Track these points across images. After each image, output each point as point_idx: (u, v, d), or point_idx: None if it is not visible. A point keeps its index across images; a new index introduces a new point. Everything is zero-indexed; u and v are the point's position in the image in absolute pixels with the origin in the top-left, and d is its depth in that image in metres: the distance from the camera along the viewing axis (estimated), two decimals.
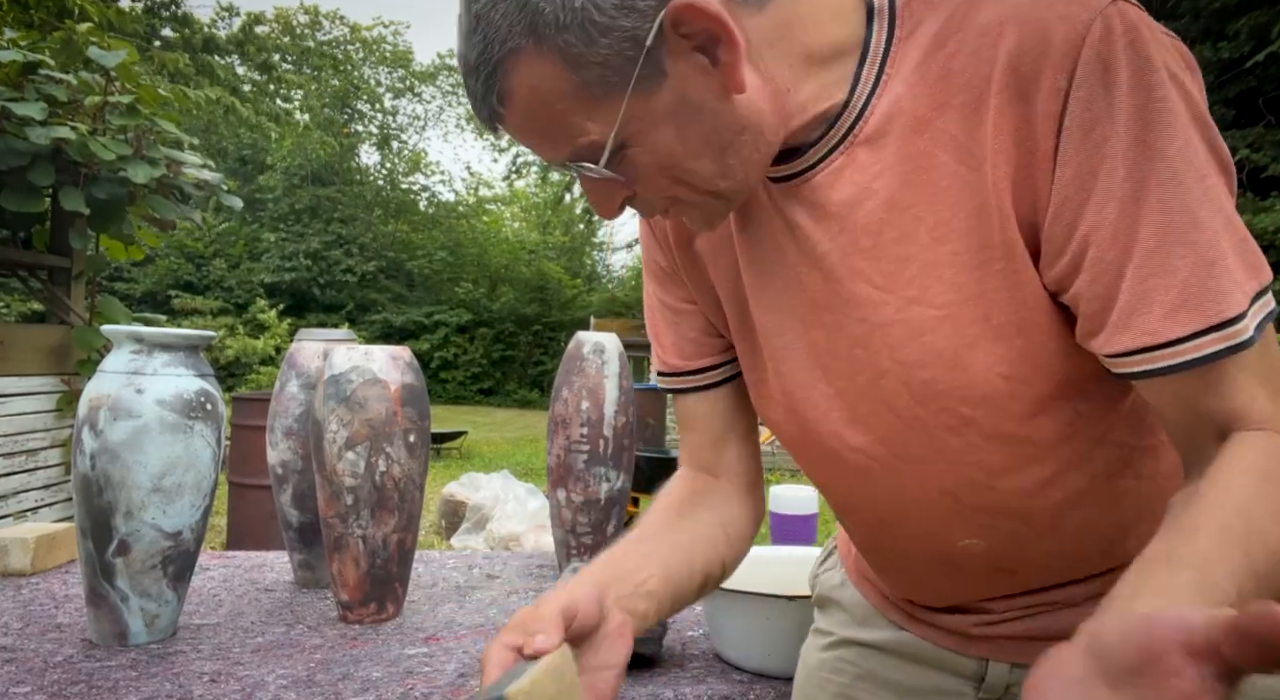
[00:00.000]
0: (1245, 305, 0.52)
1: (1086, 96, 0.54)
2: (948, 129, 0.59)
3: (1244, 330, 0.52)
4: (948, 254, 0.60)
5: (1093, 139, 0.54)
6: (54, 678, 0.98)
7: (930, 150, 0.60)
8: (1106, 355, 0.56)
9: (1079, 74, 0.54)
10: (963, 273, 0.60)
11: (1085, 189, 0.55)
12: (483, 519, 5.01)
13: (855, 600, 0.90)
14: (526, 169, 22.36)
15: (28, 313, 8.87)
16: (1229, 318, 0.52)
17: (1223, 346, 0.52)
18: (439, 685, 1.00)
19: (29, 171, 3.25)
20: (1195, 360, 0.53)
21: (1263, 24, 4.86)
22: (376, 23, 27.17)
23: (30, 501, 3.76)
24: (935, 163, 0.60)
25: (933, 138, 0.60)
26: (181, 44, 15.56)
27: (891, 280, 0.63)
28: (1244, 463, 0.52)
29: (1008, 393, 0.62)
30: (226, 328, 16.05)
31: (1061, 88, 0.54)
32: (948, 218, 0.60)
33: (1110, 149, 0.54)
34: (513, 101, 0.57)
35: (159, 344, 1.11)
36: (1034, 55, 0.55)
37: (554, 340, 22.13)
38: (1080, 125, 0.54)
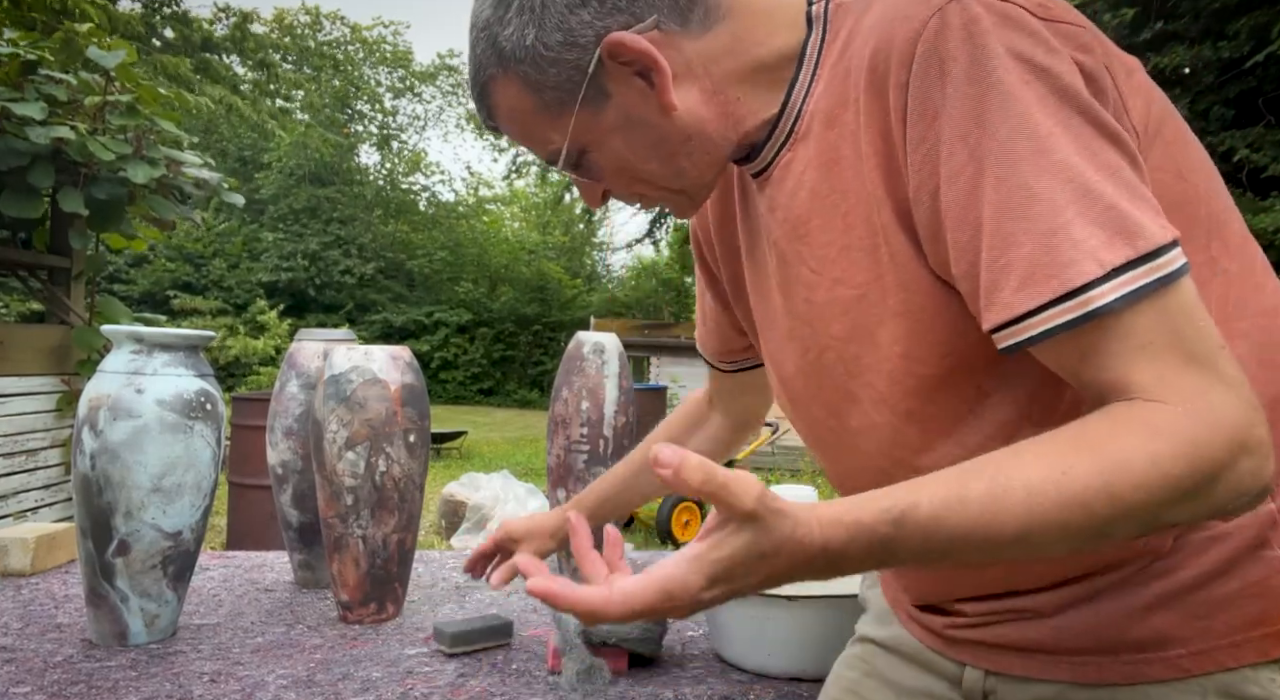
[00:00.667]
0: (1098, 272, 0.51)
1: (923, 87, 0.58)
2: (848, 123, 0.65)
3: (1097, 297, 0.51)
4: (856, 238, 0.66)
5: (935, 127, 0.58)
6: (54, 678, 0.98)
7: (837, 143, 0.66)
8: (987, 331, 0.57)
9: (915, 67, 0.58)
10: (866, 256, 0.66)
11: (934, 174, 0.58)
12: (483, 519, 5.01)
13: (876, 598, 0.92)
14: (526, 169, 22.35)
15: (27, 313, 8.87)
16: (1075, 287, 0.52)
17: (1073, 316, 0.52)
18: (439, 685, 1.00)
19: (29, 172, 3.25)
20: (1047, 331, 0.53)
21: (1263, 24, 4.85)
22: (376, 23, 27.17)
23: (30, 501, 3.76)
24: (840, 155, 0.66)
25: (839, 132, 0.66)
26: (181, 43, 15.56)
27: (822, 263, 0.69)
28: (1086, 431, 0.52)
29: (905, 369, 0.65)
30: (226, 328, 16.05)
31: (903, 81, 0.59)
32: (853, 205, 0.66)
33: (948, 134, 0.57)
34: (498, 114, 0.72)
35: (159, 344, 1.11)
36: (884, 54, 0.61)
37: (554, 340, 22.13)
38: (920, 114, 0.58)
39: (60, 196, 3.37)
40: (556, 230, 27.17)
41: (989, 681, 0.75)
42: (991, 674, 0.75)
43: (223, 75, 16.54)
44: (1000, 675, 0.74)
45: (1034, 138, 0.54)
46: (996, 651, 0.74)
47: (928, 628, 0.80)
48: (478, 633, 1.11)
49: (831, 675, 0.91)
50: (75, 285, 4.05)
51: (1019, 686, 0.73)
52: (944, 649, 0.78)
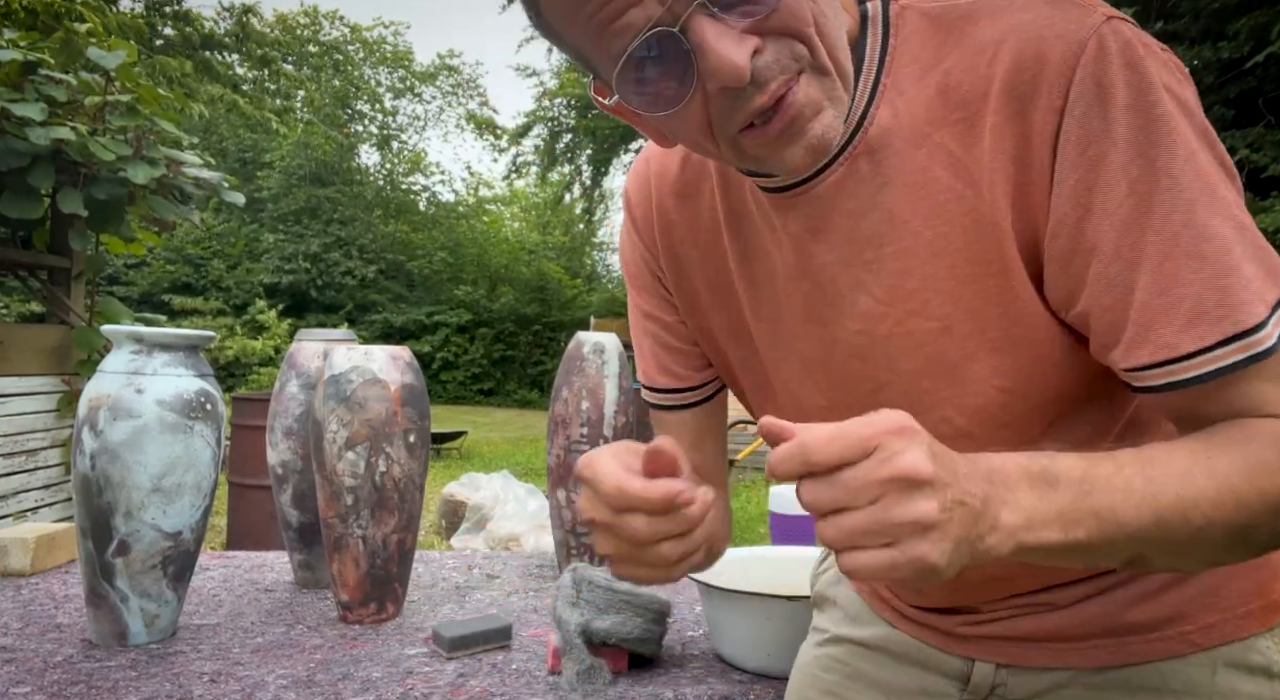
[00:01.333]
0: (1265, 314, 0.52)
1: (1082, 114, 0.55)
2: (944, 144, 0.60)
3: (1265, 339, 0.52)
4: (946, 268, 0.61)
5: (1088, 156, 0.55)
6: (54, 678, 0.98)
7: (928, 165, 0.60)
8: (1125, 369, 0.57)
9: (1074, 92, 0.55)
10: (960, 286, 0.61)
11: (1082, 205, 0.55)
12: (483, 519, 5.01)
13: (849, 597, 0.90)
14: (526, 169, 22.32)
15: (27, 313, 8.87)
16: (1248, 327, 0.52)
17: (1242, 357, 0.52)
18: (439, 685, 1.00)
19: (29, 173, 3.25)
20: (1215, 372, 0.53)
21: (1263, 24, 4.86)
22: (377, 23, 27.18)
23: (30, 501, 3.76)
24: (932, 177, 0.60)
25: (930, 153, 0.60)
26: (181, 42, 15.56)
27: (892, 293, 0.63)
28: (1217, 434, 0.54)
29: (1002, 403, 0.62)
30: (226, 328, 16.05)
31: (1057, 106, 0.55)
32: (945, 232, 0.60)
33: (1108, 165, 0.54)
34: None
35: (159, 344, 1.11)
36: (1030, 74, 0.56)
37: (554, 340, 22.13)
38: (1075, 143, 0.55)
39: (60, 197, 3.37)
40: (556, 230, 27.17)
41: (999, 674, 0.75)
42: (1003, 666, 0.75)
43: (223, 75, 16.54)
44: (1011, 667, 0.75)
45: (1201, 175, 0.54)
46: (1010, 644, 0.74)
47: (932, 627, 0.79)
48: (477, 636, 1.11)
49: (803, 677, 0.89)
50: (75, 285, 4.06)
51: (1030, 676, 0.74)
52: (951, 646, 0.78)
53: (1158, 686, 0.68)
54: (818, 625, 0.94)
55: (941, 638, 0.79)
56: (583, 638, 1.01)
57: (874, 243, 0.63)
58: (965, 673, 0.77)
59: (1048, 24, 0.56)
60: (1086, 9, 0.56)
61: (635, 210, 0.83)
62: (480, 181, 30.95)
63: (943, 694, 0.79)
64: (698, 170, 0.77)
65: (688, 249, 0.78)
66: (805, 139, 0.57)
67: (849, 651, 0.87)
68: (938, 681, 0.79)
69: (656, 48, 0.53)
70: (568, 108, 18.38)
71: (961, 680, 0.78)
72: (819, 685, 0.87)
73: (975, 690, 0.77)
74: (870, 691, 0.83)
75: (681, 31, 0.52)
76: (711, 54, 0.52)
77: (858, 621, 0.88)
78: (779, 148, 0.57)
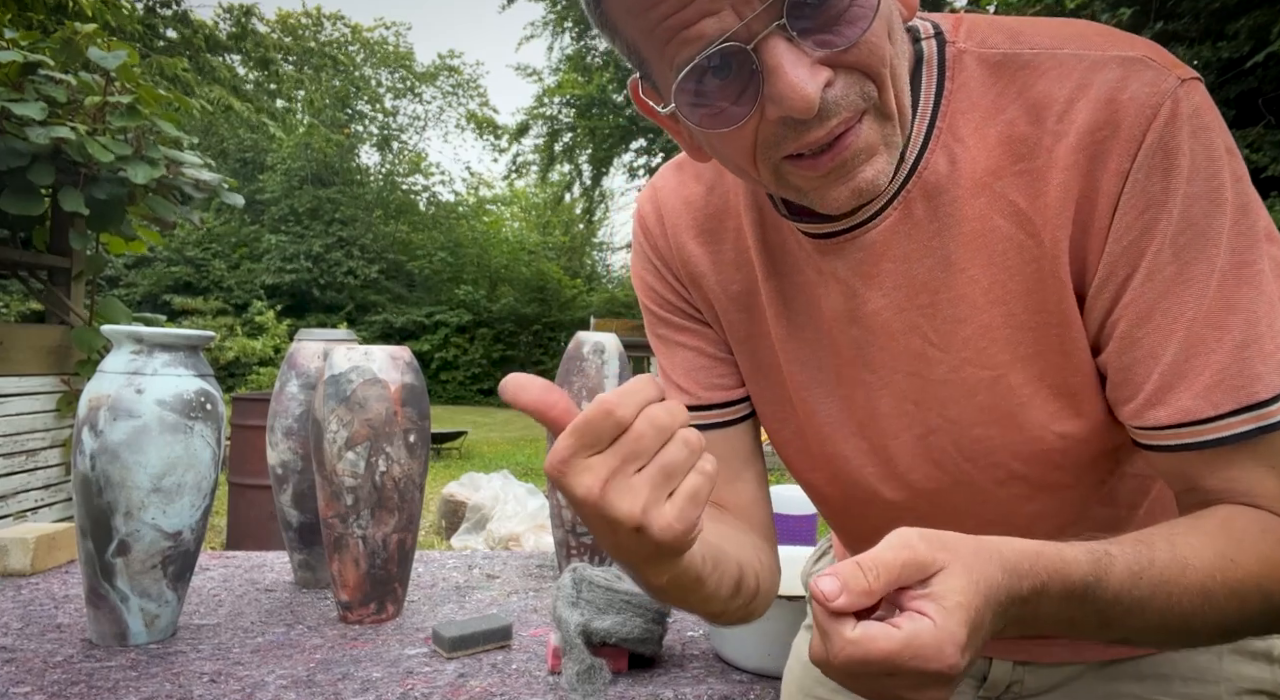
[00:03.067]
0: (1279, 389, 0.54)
1: (1145, 179, 0.55)
2: (1005, 194, 0.59)
3: (1274, 413, 0.54)
4: (1002, 316, 0.61)
5: (1144, 219, 0.56)
6: (54, 678, 0.98)
7: (988, 213, 0.60)
8: (1138, 426, 0.59)
9: (1141, 156, 0.55)
10: (1018, 334, 0.61)
11: (1131, 265, 0.57)
12: (483, 519, 5.01)
13: None
14: (526, 169, 22.31)
15: (27, 312, 8.87)
16: (1262, 399, 0.54)
17: (1253, 427, 0.54)
18: (439, 685, 1.00)
19: (29, 172, 3.25)
20: (1226, 438, 0.55)
21: (1263, 24, 4.86)
22: (378, 24, 27.19)
23: (30, 501, 3.76)
24: (992, 226, 0.60)
25: (990, 201, 0.60)
26: (183, 44, 15.55)
27: (947, 339, 0.63)
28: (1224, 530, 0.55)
29: (1062, 449, 0.63)
30: (226, 328, 16.05)
31: (1125, 169, 0.56)
32: (1003, 280, 0.60)
33: (1160, 231, 0.55)
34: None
35: (159, 344, 1.11)
36: (1105, 134, 0.56)
37: (554, 340, 22.13)
38: (1135, 206, 0.56)
39: (60, 196, 3.37)
40: (556, 230, 27.17)
41: (1016, 671, 0.77)
42: (1020, 664, 0.77)
43: (223, 77, 16.53)
44: (1029, 664, 0.76)
45: (1239, 251, 0.55)
46: (1028, 642, 0.76)
47: None
48: (477, 636, 1.11)
49: (808, 674, 0.89)
50: (75, 285, 4.06)
51: (1045, 671, 0.76)
52: None
53: (1167, 674, 0.71)
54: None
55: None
56: (583, 638, 1.01)
57: (929, 288, 0.62)
58: (982, 670, 0.78)
59: (1121, 86, 0.56)
60: (1160, 71, 0.56)
61: (654, 239, 0.78)
62: (480, 181, 30.95)
63: (957, 692, 0.80)
64: (721, 205, 0.74)
65: (710, 285, 0.75)
66: (854, 181, 0.56)
67: None
68: None
69: (724, 63, 0.51)
70: (567, 107, 18.38)
71: (978, 678, 0.79)
72: (828, 682, 0.87)
73: (992, 687, 0.78)
74: None
75: (754, 50, 0.50)
76: (783, 81, 0.50)
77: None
78: (825, 185, 0.56)
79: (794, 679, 0.91)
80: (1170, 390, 0.56)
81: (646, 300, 0.80)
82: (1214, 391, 0.55)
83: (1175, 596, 0.52)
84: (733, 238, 0.73)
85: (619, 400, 0.45)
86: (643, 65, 0.58)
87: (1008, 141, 0.59)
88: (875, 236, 0.63)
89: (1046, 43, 0.59)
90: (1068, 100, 0.57)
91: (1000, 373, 0.62)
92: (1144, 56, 0.57)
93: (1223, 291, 0.55)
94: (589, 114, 17.49)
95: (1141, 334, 0.57)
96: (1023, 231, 0.59)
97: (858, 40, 0.51)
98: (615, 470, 0.46)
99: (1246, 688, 0.71)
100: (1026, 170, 0.59)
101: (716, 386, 0.78)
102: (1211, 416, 0.55)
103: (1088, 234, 0.58)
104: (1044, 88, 0.58)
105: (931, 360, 0.64)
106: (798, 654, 0.93)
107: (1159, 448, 0.58)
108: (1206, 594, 0.52)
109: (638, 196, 0.82)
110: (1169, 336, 0.56)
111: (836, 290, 0.66)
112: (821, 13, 0.50)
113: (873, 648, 0.43)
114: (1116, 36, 0.59)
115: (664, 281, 0.78)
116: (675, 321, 0.79)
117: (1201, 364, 0.55)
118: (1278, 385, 0.54)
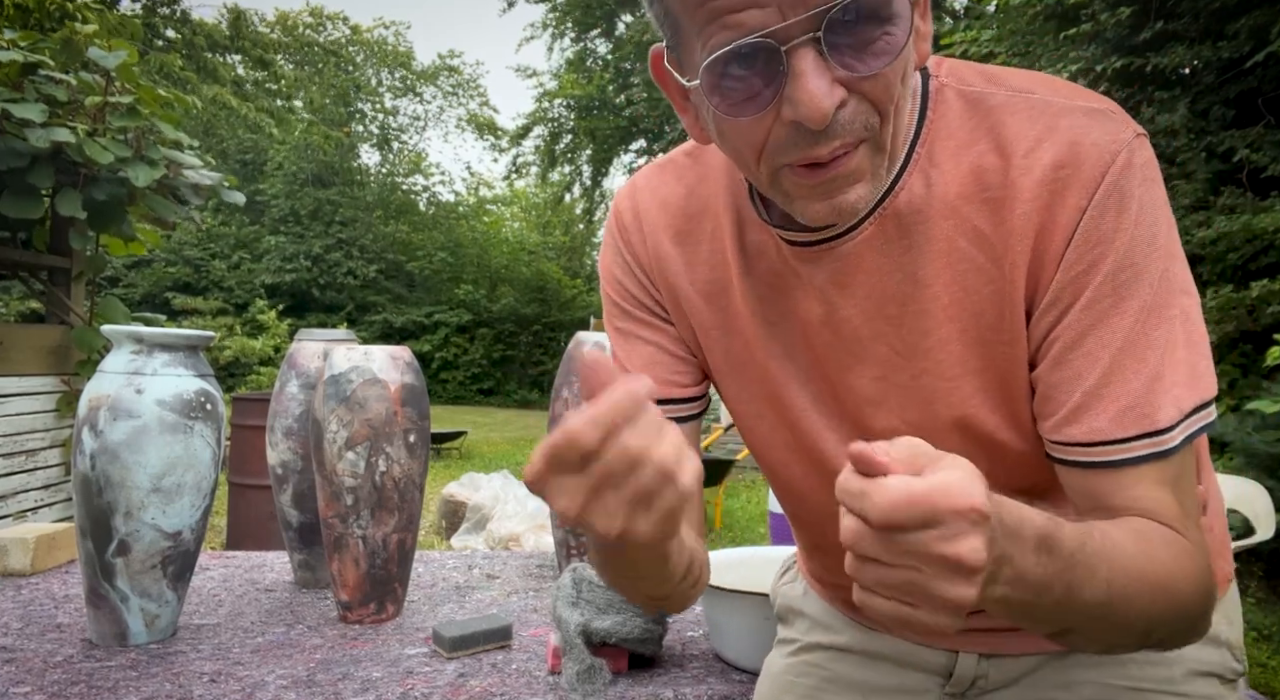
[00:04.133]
0: (1176, 418, 0.60)
1: (1099, 217, 0.60)
2: (971, 218, 0.64)
3: (1170, 440, 0.60)
4: (959, 330, 0.66)
5: (1094, 254, 0.61)
6: (54, 678, 0.98)
7: (954, 235, 0.65)
8: (1053, 440, 0.64)
9: (1098, 196, 0.60)
10: (968, 349, 0.66)
11: (1075, 294, 0.62)
12: (483, 519, 5.00)
13: (819, 608, 0.92)
14: (526, 169, 22.31)
15: (27, 312, 8.87)
16: (1161, 428, 0.60)
17: (1148, 452, 0.60)
18: (439, 685, 1.00)
19: (29, 173, 3.25)
20: (1125, 461, 0.61)
21: (1263, 24, 4.85)
22: (378, 23, 27.18)
23: (30, 501, 3.76)
24: (957, 247, 0.65)
25: (957, 224, 0.65)
26: (183, 44, 15.55)
27: (910, 349, 0.68)
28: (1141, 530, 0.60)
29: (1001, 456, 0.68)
30: (226, 328, 16.04)
31: (1082, 205, 0.61)
32: (961, 298, 0.65)
33: (1105, 265, 0.61)
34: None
35: (159, 344, 1.11)
36: (1067, 173, 0.61)
37: (554, 340, 22.11)
38: (1087, 240, 0.61)
39: (59, 198, 3.37)
40: (556, 230, 27.16)
41: (981, 665, 0.79)
42: (985, 657, 0.79)
43: (224, 76, 16.53)
44: (993, 657, 0.79)
45: (1162, 294, 0.61)
46: (993, 635, 0.78)
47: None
48: (477, 636, 1.11)
49: (776, 685, 0.90)
50: (75, 286, 4.05)
51: (1009, 664, 0.78)
52: (934, 641, 0.81)
53: (1121, 659, 0.75)
54: (786, 636, 0.95)
55: (924, 635, 0.80)
56: (583, 638, 1.01)
57: (896, 300, 0.67)
58: (948, 667, 0.80)
59: (1085, 132, 0.61)
60: (1120, 123, 0.62)
61: (629, 235, 0.80)
62: (480, 182, 30.93)
63: (923, 690, 0.82)
64: (700, 207, 0.77)
65: (683, 283, 0.78)
66: (836, 200, 0.60)
67: (824, 656, 0.88)
68: (918, 678, 0.82)
69: (754, 55, 0.54)
70: (568, 108, 18.38)
71: (943, 675, 0.81)
72: (796, 691, 0.88)
73: (957, 682, 0.80)
74: (849, 693, 0.85)
75: (786, 52, 0.53)
76: (804, 88, 0.54)
77: (830, 629, 0.89)
78: (810, 197, 0.60)
79: (762, 694, 0.92)
80: (1087, 411, 0.61)
81: (613, 293, 0.83)
82: (1124, 416, 0.60)
83: (1116, 569, 0.55)
84: (709, 238, 0.76)
85: (582, 429, 0.45)
86: (675, 37, 0.60)
87: (977, 171, 0.64)
88: (851, 248, 0.67)
89: (1020, 86, 0.65)
90: (1035, 139, 0.62)
91: (955, 383, 0.67)
92: (1107, 109, 0.63)
93: (1145, 328, 0.60)
94: (589, 115, 17.49)
95: (1072, 356, 0.62)
96: (984, 254, 0.64)
97: (878, 72, 0.55)
98: (590, 492, 0.46)
99: (1199, 670, 0.75)
100: (991, 199, 0.63)
101: (671, 383, 0.80)
102: (1119, 438, 0.60)
103: (1042, 262, 0.63)
104: (1014, 126, 0.63)
105: (896, 366, 0.69)
106: (766, 669, 0.94)
107: (1069, 463, 0.63)
108: (1139, 577, 0.56)
109: (617, 192, 0.85)
110: (1095, 362, 0.61)
111: (813, 295, 0.70)
112: (854, 37, 0.54)
113: (914, 487, 0.44)
114: (1083, 91, 0.65)
115: (633, 278, 0.81)
116: (639, 316, 0.81)
117: (1119, 390, 0.60)
118: (1173, 417, 0.60)
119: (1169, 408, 0.60)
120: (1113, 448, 0.61)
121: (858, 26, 0.53)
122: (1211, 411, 0.62)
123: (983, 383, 0.67)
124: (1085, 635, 0.58)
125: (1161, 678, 0.74)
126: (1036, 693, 0.77)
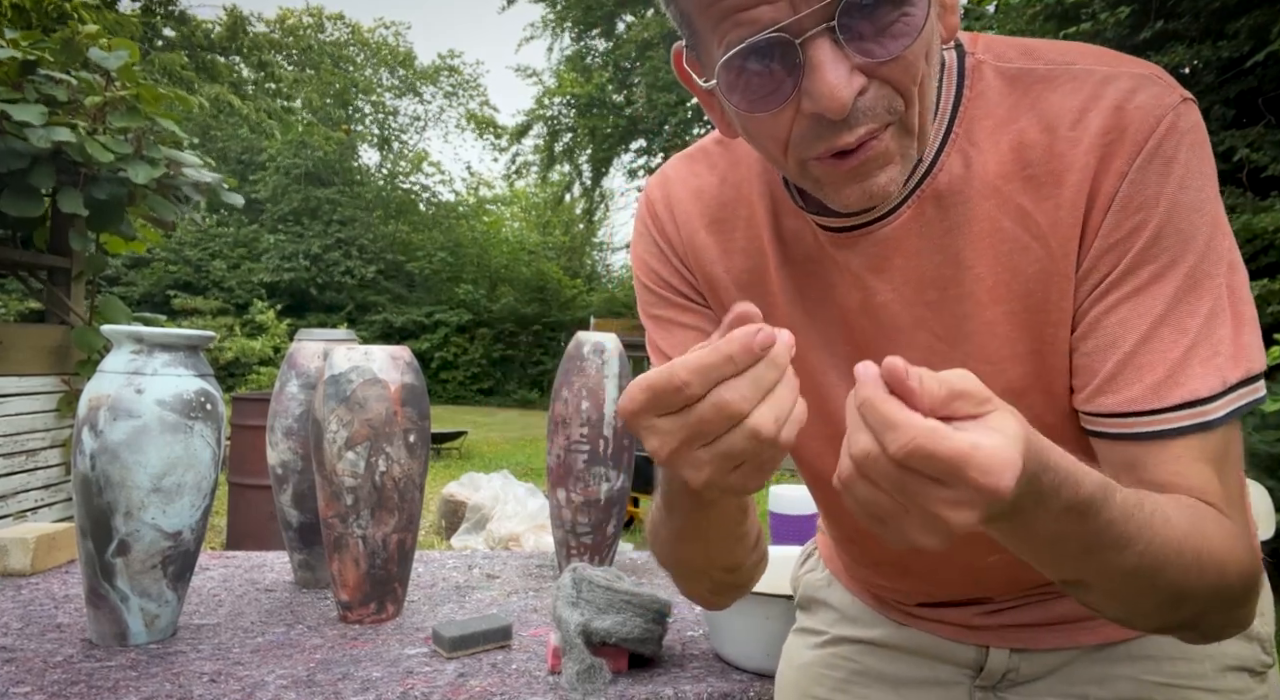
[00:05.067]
0: (1219, 388, 0.57)
1: (1141, 181, 0.59)
2: (1014, 197, 0.62)
3: (1212, 411, 0.57)
4: (1004, 313, 0.64)
5: (1135, 219, 0.59)
6: (54, 678, 0.98)
7: (996, 215, 0.63)
8: (1087, 412, 0.62)
9: (1139, 160, 0.59)
10: (1016, 331, 0.64)
11: (1115, 260, 0.60)
12: (483, 519, 5.00)
13: (845, 600, 0.91)
14: (526, 169, 22.30)
15: (27, 312, 8.88)
16: (1201, 397, 0.57)
17: (1190, 423, 0.58)
18: (439, 685, 1.00)
19: (29, 173, 3.25)
20: (1163, 432, 0.58)
21: (1263, 24, 4.85)
22: (379, 24, 27.17)
23: (30, 501, 3.76)
24: (999, 227, 0.63)
25: (999, 204, 0.63)
26: (182, 43, 15.55)
27: (951, 333, 0.66)
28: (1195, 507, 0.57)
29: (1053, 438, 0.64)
30: (226, 328, 16.04)
31: (1124, 170, 0.59)
32: (1007, 280, 0.63)
33: (1146, 232, 0.59)
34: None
35: (159, 344, 1.11)
36: (1112, 138, 0.59)
37: (554, 340, 22.11)
38: (1126, 206, 0.59)
39: (60, 198, 3.37)
40: (556, 230, 27.15)
41: (1012, 659, 0.78)
42: (1016, 652, 0.78)
43: (224, 76, 16.52)
44: (1024, 651, 0.78)
45: (1207, 264, 0.59)
46: (1023, 630, 0.77)
47: (944, 621, 0.81)
48: (477, 636, 1.11)
49: (804, 675, 0.90)
50: (75, 285, 4.05)
51: (1040, 658, 0.77)
52: (964, 637, 0.80)
53: (1154, 655, 0.74)
54: (810, 626, 0.94)
55: (954, 630, 0.81)
56: (583, 638, 1.01)
57: (937, 284, 0.65)
58: (979, 661, 0.80)
59: (1129, 96, 0.60)
60: (1165, 87, 0.60)
61: (663, 224, 0.79)
62: (480, 182, 30.91)
63: (954, 683, 0.81)
64: (734, 195, 0.75)
65: (719, 271, 0.77)
66: (867, 184, 0.58)
67: (854, 650, 0.88)
68: (949, 671, 0.82)
69: (770, 50, 0.53)
70: (567, 108, 18.37)
71: (974, 668, 0.80)
72: (826, 683, 0.88)
73: (988, 676, 0.80)
74: (879, 685, 0.85)
75: (801, 45, 0.53)
76: (821, 79, 0.53)
77: (859, 622, 0.88)
78: (841, 183, 0.59)
79: (789, 683, 0.91)
80: (1122, 380, 0.59)
81: (648, 281, 0.82)
82: (1162, 385, 0.58)
83: (1156, 543, 0.53)
84: (744, 225, 0.75)
85: (689, 378, 0.45)
86: (693, 36, 0.60)
87: (1019, 148, 0.62)
88: (888, 232, 0.65)
89: (1060, 58, 0.63)
90: (1080, 110, 0.60)
91: (999, 367, 0.65)
92: (1152, 74, 0.60)
93: (1188, 297, 0.58)
94: (589, 114, 17.49)
95: (1109, 322, 0.60)
96: (1028, 233, 0.62)
97: (897, 55, 0.53)
98: (682, 441, 0.47)
99: (1230, 664, 0.74)
100: (1035, 176, 0.62)
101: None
102: (1157, 408, 0.58)
103: (1086, 232, 0.61)
104: (1057, 100, 0.61)
105: (937, 353, 0.66)
106: (789, 658, 0.93)
107: (1105, 436, 0.61)
108: (1180, 551, 0.54)
109: (647, 182, 0.84)
110: (1132, 329, 0.59)
111: (850, 281, 0.69)
112: (870, 22, 0.52)
113: (945, 442, 0.41)
114: (1126, 57, 0.63)
115: (669, 265, 0.80)
116: (676, 302, 0.81)
117: (1156, 359, 0.58)
118: (1215, 387, 0.57)
119: (1211, 377, 0.57)
120: (1150, 418, 0.58)
121: (873, 10, 0.52)
122: (1260, 387, 0.59)
123: (1030, 366, 0.65)
124: (1100, 592, 0.56)
125: (1194, 673, 0.73)
126: (1069, 687, 0.76)
